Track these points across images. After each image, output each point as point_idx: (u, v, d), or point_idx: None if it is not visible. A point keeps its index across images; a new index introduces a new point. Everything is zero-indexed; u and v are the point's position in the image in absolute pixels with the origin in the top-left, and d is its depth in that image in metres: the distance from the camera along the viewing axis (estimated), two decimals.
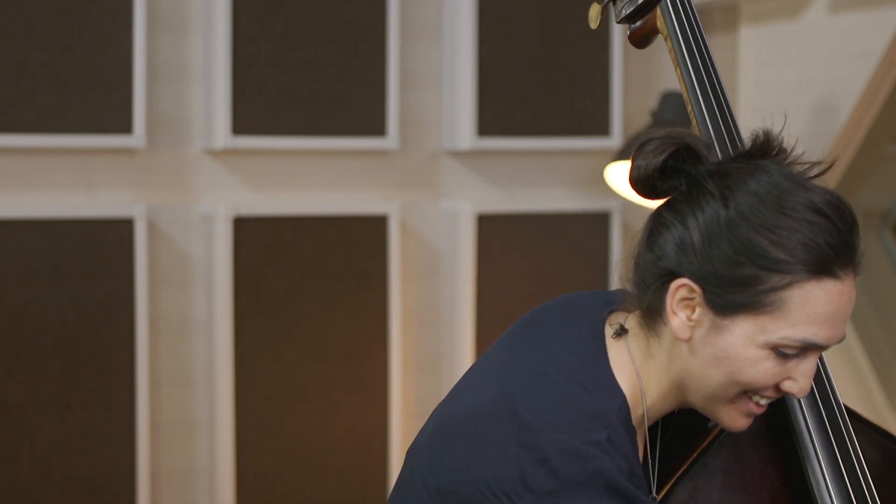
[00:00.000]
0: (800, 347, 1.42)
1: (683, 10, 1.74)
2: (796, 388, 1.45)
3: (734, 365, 1.42)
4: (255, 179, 3.50)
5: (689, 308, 1.43)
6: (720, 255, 1.41)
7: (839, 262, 1.40)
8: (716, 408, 1.47)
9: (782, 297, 1.39)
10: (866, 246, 1.47)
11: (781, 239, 1.40)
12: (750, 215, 1.41)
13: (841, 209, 1.43)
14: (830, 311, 1.42)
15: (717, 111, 1.67)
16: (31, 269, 3.24)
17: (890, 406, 3.35)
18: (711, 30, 4.01)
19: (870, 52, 3.32)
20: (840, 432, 1.61)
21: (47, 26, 3.22)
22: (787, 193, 1.42)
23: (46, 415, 3.27)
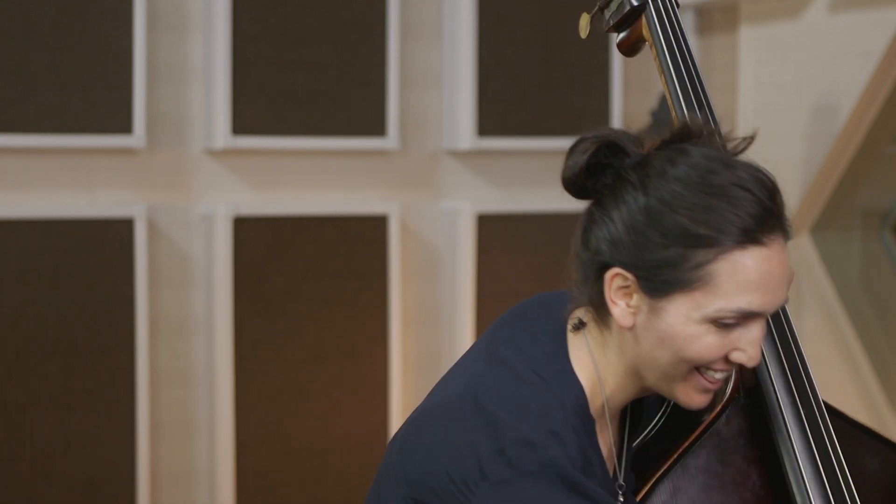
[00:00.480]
0: (737, 316, 1.44)
1: (668, 18, 1.75)
2: (745, 357, 1.46)
3: (677, 344, 1.44)
4: (255, 179, 3.50)
5: (627, 296, 1.47)
6: (646, 241, 1.44)
7: (762, 229, 1.44)
8: (671, 387, 1.49)
9: (710, 271, 1.42)
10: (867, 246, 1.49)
11: (701, 216, 1.42)
12: (670, 198, 1.44)
13: (760, 179, 1.48)
14: (761, 278, 1.44)
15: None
16: (31, 269, 3.24)
17: (890, 406, 3.35)
18: (711, 30, 4.01)
19: (870, 52, 3.32)
20: (819, 431, 1.64)
21: (47, 26, 3.22)
22: (706, 172, 1.45)
23: (46, 415, 3.27)
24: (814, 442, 1.61)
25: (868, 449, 1.73)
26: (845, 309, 3.48)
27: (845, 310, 3.48)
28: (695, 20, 4.03)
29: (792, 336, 1.66)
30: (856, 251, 3.60)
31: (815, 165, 3.52)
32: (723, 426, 1.60)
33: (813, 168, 3.52)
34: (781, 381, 1.62)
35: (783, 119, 3.64)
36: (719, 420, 1.60)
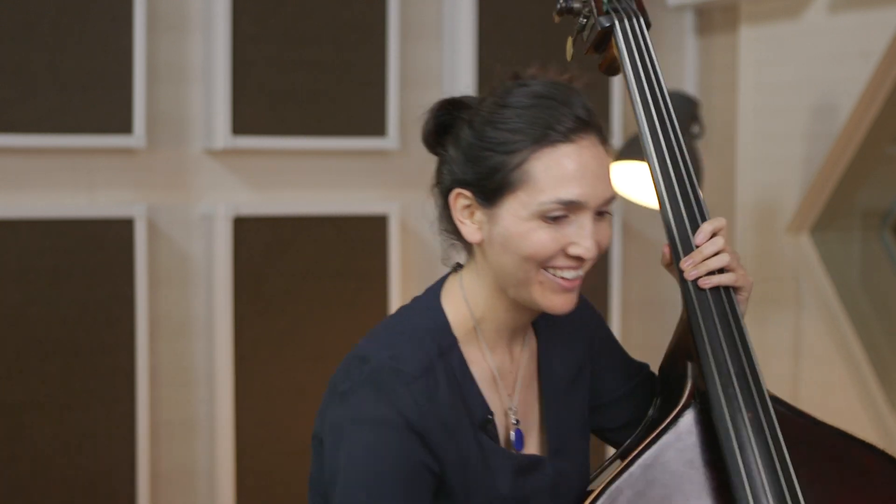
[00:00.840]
0: (561, 207, 1.60)
1: (635, 39, 1.83)
2: (581, 249, 1.61)
3: (515, 243, 1.61)
4: (255, 179, 3.50)
5: (470, 213, 1.66)
6: (474, 157, 1.64)
7: (570, 130, 1.61)
8: (530, 293, 1.64)
9: (526, 170, 1.60)
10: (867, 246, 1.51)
11: (511, 125, 1.62)
12: (487, 119, 1.64)
13: (560, 87, 1.67)
14: (575, 170, 1.60)
15: (665, 142, 1.78)
16: (31, 269, 3.24)
17: (890, 406, 3.35)
18: (711, 30, 4.01)
19: (870, 52, 3.32)
20: (762, 433, 1.69)
21: (47, 26, 3.22)
22: (520, 95, 1.66)
23: (46, 415, 3.27)
24: (755, 446, 1.66)
25: (821, 444, 1.76)
26: (845, 309, 3.48)
27: (845, 310, 3.48)
28: (695, 20, 4.03)
29: (741, 338, 1.74)
30: (856, 251, 3.61)
31: (815, 165, 3.52)
32: (675, 433, 1.67)
33: (813, 168, 3.52)
34: (728, 382, 1.69)
35: (783, 119, 3.64)
36: (673, 425, 1.67)
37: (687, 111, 3.56)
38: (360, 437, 1.60)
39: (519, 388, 1.74)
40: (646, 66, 1.80)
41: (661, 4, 3.99)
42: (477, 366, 1.69)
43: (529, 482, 1.69)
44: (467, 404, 1.66)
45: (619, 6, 1.82)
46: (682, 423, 1.69)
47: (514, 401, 1.72)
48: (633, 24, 1.81)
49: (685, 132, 3.54)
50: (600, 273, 3.84)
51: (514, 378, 1.73)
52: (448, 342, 1.67)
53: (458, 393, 1.65)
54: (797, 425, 1.73)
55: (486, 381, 1.70)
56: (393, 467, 1.59)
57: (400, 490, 1.59)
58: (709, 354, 1.69)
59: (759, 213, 3.75)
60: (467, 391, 1.66)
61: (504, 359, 1.73)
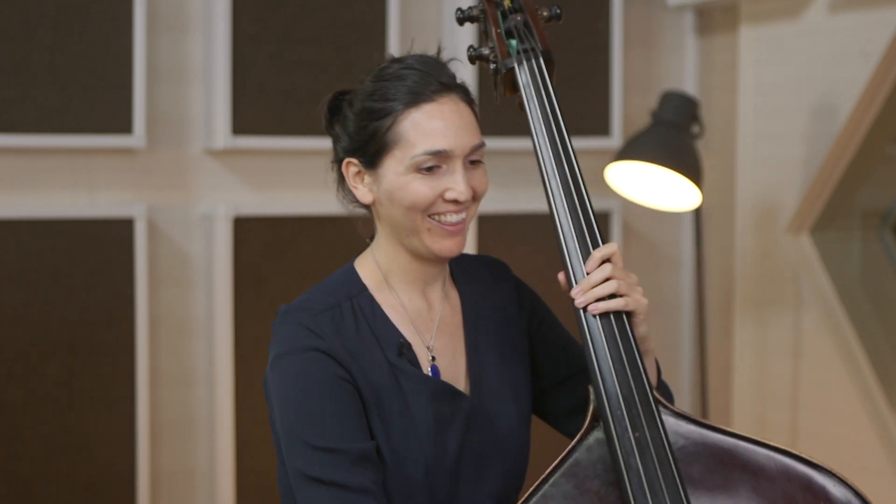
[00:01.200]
0: (430, 158, 1.80)
1: (533, 82, 1.95)
2: (455, 193, 1.81)
3: (398, 196, 1.81)
4: (255, 179, 3.50)
5: (361, 178, 1.86)
6: (355, 130, 1.85)
7: (428, 91, 1.81)
8: (421, 240, 1.83)
9: (397, 131, 1.80)
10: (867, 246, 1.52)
11: (380, 94, 1.83)
12: (361, 94, 1.85)
13: (425, 58, 1.86)
14: (439, 125, 1.81)
15: (561, 175, 1.92)
16: (31, 269, 3.24)
17: (890, 406, 3.35)
18: (711, 30, 4.01)
19: (870, 52, 3.32)
20: (649, 454, 1.75)
21: (47, 26, 3.22)
22: (382, 69, 1.87)
23: (46, 415, 3.27)
24: (641, 466, 1.73)
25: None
26: (845, 309, 3.48)
27: (845, 310, 3.48)
28: (695, 20, 4.03)
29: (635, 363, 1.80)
30: (856, 251, 3.61)
31: (815, 165, 3.52)
32: (582, 454, 1.75)
33: (813, 168, 3.52)
34: (616, 404, 1.76)
35: (783, 119, 3.64)
36: (579, 448, 1.75)
37: (687, 111, 3.56)
38: (282, 369, 1.81)
39: (437, 332, 1.89)
40: (543, 103, 1.93)
41: (661, 4, 3.99)
42: (392, 309, 1.87)
43: (445, 410, 1.84)
44: (378, 336, 1.84)
45: (521, 48, 1.92)
46: (585, 444, 1.76)
47: (433, 341, 1.88)
48: (531, 65, 1.92)
49: (685, 132, 3.54)
50: None
51: (432, 323, 1.90)
52: (357, 288, 1.88)
53: (366, 327, 1.84)
54: (695, 441, 1.77)
55: (403, 322, 1.87)
56: (316, 382, 1.78)
57: (327, 400, 1.78)
58: (598, 378, 1.77)
59: (759, 213, 3.75)
60: (378, 325, 1.85)
61: (420, 305, 1.89)
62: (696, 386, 4.04)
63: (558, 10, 1.99)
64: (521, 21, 1.93)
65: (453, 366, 1.89)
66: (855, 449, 3.45)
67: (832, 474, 1.73)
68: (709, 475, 1.76)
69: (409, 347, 1.85)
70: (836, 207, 3.54)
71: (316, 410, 1.78)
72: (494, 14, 1.94)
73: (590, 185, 4.10)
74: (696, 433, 1.78)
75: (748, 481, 1.75)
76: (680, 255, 4.09)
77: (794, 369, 3.65)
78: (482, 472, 1.86)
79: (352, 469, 1.75)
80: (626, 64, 3.92)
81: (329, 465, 1.75)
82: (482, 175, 1.89)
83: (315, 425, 1.77)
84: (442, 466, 1.83)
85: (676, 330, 4.09)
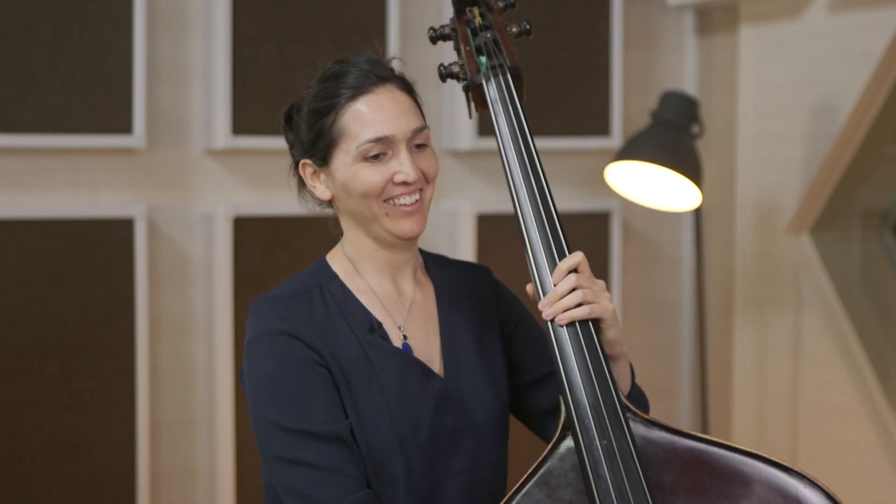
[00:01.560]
0: (374, 145, 1.86)
1: (500, 96, 1.95)
2: (402, 175, 1.87)
3: (351, 185, 1.89)
4: (255, 179, 3.50)
5: (317, 177, 1.95)
6: (304, 132, 1.93)
7: (365, 84, 1.89)
8: (382, 225, 1.90)
9: (341, 124, 1.88)
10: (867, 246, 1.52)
11: (323, 93, 1.90)
12: (308, 98, 1.93)
13: (363, 56, 1.93)
14: (378, 114, 1.88)
15: (527, 187, 1.91)
16: (31, 269, 3.24)
17: (890, 406, 3.35)
18: (711, 30, 4.01)
19: (870, 52, 3.32)
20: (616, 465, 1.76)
21: (47, 26, 3.22)
22: (324, 72, 1.95)
23: (46, 415, 3.27)
24: (609, 474, 1.74)
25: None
26: (845, 309, 3.48)
27: (845, 310, 3.48)
28: (695, 20, 4.03)
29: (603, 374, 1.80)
30: (856, 251, 3.61)
31: (815, 165, 3.52)
32: (555, 463, 1.77)
33: (813, 168, 3.52)
34: (584, 413, 1.78)
35: (783, 119, 3.64)
36: (551, 457, 1.77)
37: (687, 111, 3.56)
38: (253, 353, 1.88)
39: (409, 315, 1.95)
40: (510, 118, 1.94)
41: (661, 4, 3.99)
42: (363, 294, 1.94)
43: (417, 386, 1.88)
44: (349, 317, 1.90)
45: (489, 64, 1.95)
46: (557, 453, 1.78)
47: (405, 323, 1.94)
48: (499, 81, 1.95)
49: (685, 132, 3.54)
50: (600, 273, 3.84)
51: (403, 307, 1.95)
52: (328, 277, 1.96)
53: (336, 311, 1.90)
54: (665, 447, 1.78)
55: (374, 305, 1.93)
56: (286, 365, 1.84)
57: (297, 382, 1.83)
58: (566, 386, 1.78)
59: (759, 213, 3.75)
60: (349, 308, 1.91)
61: (390, 291, 1.95)
62: (696, 386, 4.04)
63: (528, 25, 2.04)
64: (490, 38, 1.97)
65: (426, 347, 1.93)
66: (855, 449, 3.45)
67: (804, 477, 1.74)
68: (680, 481, 1.76)
69: (380, 325, 1.90)
70: (836, 207, 3.54)
71: (286, 392, 1.83)
72: (464, 32, 1.99)
73: (590, 185, 4.13)
74: (666, 440, 1.78)
75: (720, 486, 1.76)
76: (680, 255, 4.09)
77: (794, 369, 3.65)
78: (455, 451, 1.89)
79: (323, 448, 1.79)
80: (626, 64, 3.92)
81: (300, 445, 1.79)
82: (430, 157, 1.93)
83: (285, 406, 1.81)
84: (415, 441, 1.85)
85: (676, 330, 4.09)
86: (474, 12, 2.01)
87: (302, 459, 1.79)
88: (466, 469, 1.89)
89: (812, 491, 1.75)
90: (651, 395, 2.02)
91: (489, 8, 2.02)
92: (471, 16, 2.01)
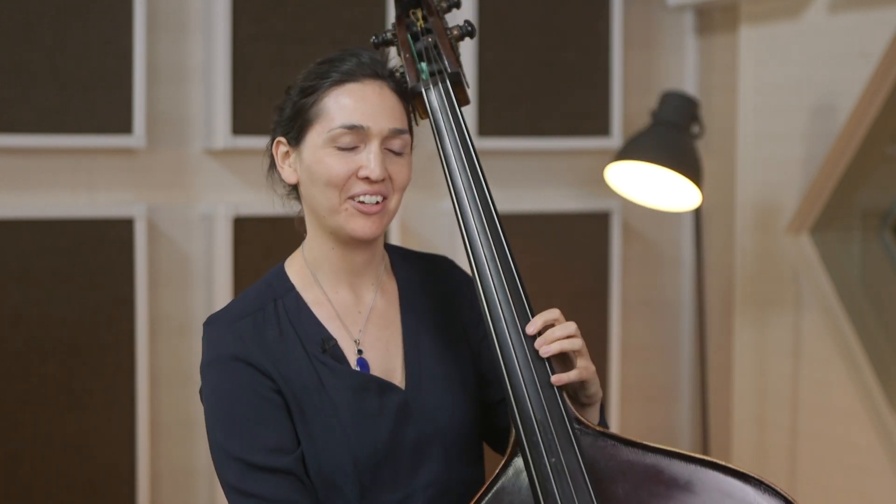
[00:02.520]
0: (346, 132, 1.81)
1: (440, 104, 1.91)
2: (367, 171, 1.82)
3: (315, 170, 1.83)
4: (255, 179, 3.49)
5: (287, 157, 1.89)
6: (287, 110, 1.88)
7: (355, 73, 1.84)
8: (338, 221, 1.84)
9: (321, 106, 1.84)
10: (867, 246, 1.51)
11: (315, 74, 1.86)
12: (301, 77, 1.88)
13: (362, 49, 1.89)
14: (359, 103, 1.83)
15: (468, 190, 1.90)
16: (31, 269, 3.24)
17: (890, 406, 3.35)
18: (711, 30, 4.01)
19: (870, 52, 3.32)
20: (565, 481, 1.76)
21: (47, 26, 3.22)
22: (326, 55, 1.89)
23: (46, 415, 3.27)
24: (558, 492, 1.73)
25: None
26: (845, 309, 3.48)
27: (845, 310, 3.48)
28: (695, 20, 4.03)
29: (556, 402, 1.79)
30: (856, 251, 3.61)
31: (815, 165, 3.52)
32: (506, 481, 1.77)
33: (813, 168, 3.52)
34: (531, 430, 1.76)
35: (783, 119, 3.64)
36: (503, 475, 1.77)
37: (687, 111, 3.56)
38: (208, 378, 1.84)
39: (367, 325, 1.90)
40: (450, 126, 1.89)
41: (661, 4, 3.99)
42: (319, 306, 1.88)
43: (372, 403, 1.83)
44: (302, 335, 1.84)
45: (429, 70, 1.90)
46: (509, 471, 1.77)
47: (362, 335, 1.89)
48: (439, 89, 1.90)
49: (685, 132, 3.54)
50: (600, 273, 3.84)
51: (361, 317, 1.90)
52: (284, 289, 1.89)
53: (289, 328, 1.85)
54: (618, 459, 1.77)
55: (329, 318, 1.88)
56: (237, 393, 1.80)
57: (248, 411, 1.80)
58: (513, 403, 1.77)
59: (759, 213, 3.75)
60: (303, 324, 1.85)
61: (346, 299, 1.90)
62: (696, 386, 4.04)
63: (470, 26, 1.97)
64: (431, 43, 1.92)
65: (386, 358, 1.89)
66: (855, 449, 3.45)
67: (762, 483, 1.72)
68: (633, 493, 1.75)
69: (333, 344, 1.85)
70: (836, 207, 3.54)
71: (237, 421, 1.80)
72: (404, 37, 1.93)
73: (590, 185, 4.13)
74: (618, 452, 1.77)
75: (675, 497, 1.74)
76: (680, 255, 4.09)
77: (794, 369, 3.65)
78: (419, 464, 1.85)
79: (272, 480, 1.77)
80: (626, 64, 3.92)
81: (249, 475, 1.77)
82: (403, 165, 1.87)
83: (237, 436, 1.79)
84: (371, 460, 1.82)
85: (676, 330, 4.09)
86: (417, 15, 1.95)
87: (251, 491, 1.77)
88: (434, 481, 1.86)
89: (770, 498, 1.71)
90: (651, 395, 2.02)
91: (430, 10, 1.95)
92: (413, 19, 1.95)
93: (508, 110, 3.71)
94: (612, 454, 1.77)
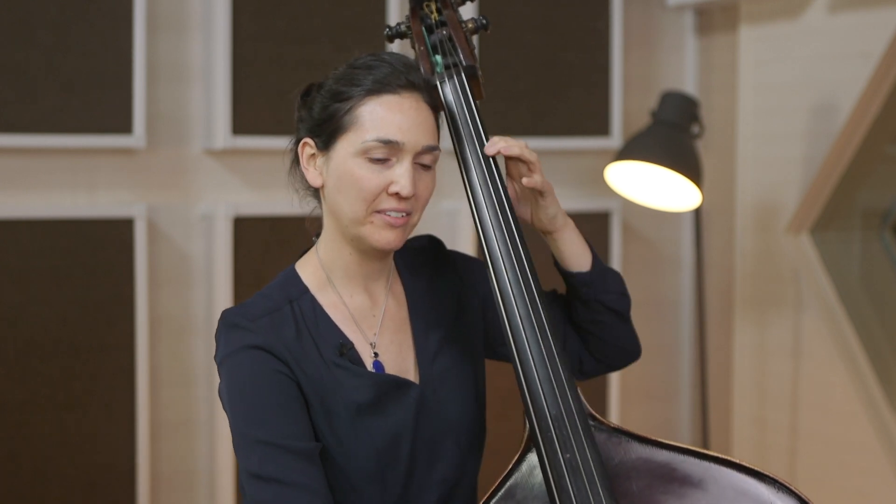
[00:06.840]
0: (381, 146, 1.79)
1: (455, 98, 1.92)
2: (398, 187, 1.80)
3: (345, 182, 1.81)
4: (255, 179, 3.50)
5: (314, 159, 1.87)
6: (317, 110, 1.86)
7: (393, 84, 1.81)
8: (361, 231, 1.82)
9: (355, 115, 1.81)
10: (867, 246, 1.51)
11: (348, 79, 1.84)
12: (332, 78, 1.87)
13: (400, 56, 1.86)
14: (395, 116, 1.80)
15: (482, 182, 1.91)
16: (31, 269, 3.24)
17: (890, 406, 3.35)
18: (711, 30, 4.01)
19: (870, 52, 3.32)
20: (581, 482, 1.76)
21: (47, 26, 3.22)
22: (356, 60, 1.88)
23: (46, 415, 3.27)
24: (573, 487, 1.74)
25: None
26: (845, 309, 3.48)
27: (845, 310, 3.48)
28: (695, 20, 4.04)
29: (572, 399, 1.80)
30: (856, 251, 3.61)
31: (815, 165, 3.52)
32: (520, 476, 1.78)
33: (813, 168, 3.52)
34: (545, 426, 1.77)
35: (783, 119, 3.64)
36: (517, 471, 1.77)
37: (687, 111, 3.56)
38: (227, 370, 1.82)
39: (381, 328, 1.90)
40: (465, 119, 1.91)
41: (661, 4, 3.99)
42: (334, 309, 1.87)
43: (391, 401, 1.84)
44: (318, 339, 1.84)
45: (444, 63, 1.91)
46: (523, 466, 1.78)
47: (377, 338, 1.89)
48: (454, 82, 1.91)
49: (685, 132, 3.54)
50: None
51: (375, 320, 1.89)
52: (298, 291, 1.88)
53: (306, 330, 1.84)
54: (632, 456, 1.77)
55: (345, 321, 1.87)
56: (258, 378, 1.79)
57: (269, 395, 1.78)
58: (528, 399, 1.78)
59: (759, 213, 3.75)
60: (320, 327, 1.85)
61: (362, 303, 1.89)
62: (696, 386, 4.04)
63: (484, 20, 1.98)
64: (445, 35, 1.92)
65: (400, 359, 1.90)
66: (855, 449, 3.45)
67: (777, 482, 1.72)
68: (647, 490, 1.75)
69: (350, 347, 1.85)
70: (836, 207, 3.54)
71: (258, 405, 1.79)
72: (419, 30, 1.93)
73: (590, 185, 4.13)
74: (633, 448, 1.78)
75: (689, 494, 1.74)
76: (680, 255, 4.09)
77: (794, 369, 3.65)
78: (434, 459, 1.87)
79: (293, 465, 1.76)
80: (626, 64, 3.92)
81: (270, 460, 1.76)
82: (429, 180, 1.86)
83: (257, 420, 1.78)
84: (394, 457, 1.83)
85: (676, 330, 4.09)
86: (431, 8, 1.95)
87: (272, 475, 1.75)
88: (447, 478, 1.87)
89: (785, 497, 1.71)
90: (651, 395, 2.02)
91: (444, 3, 1.95)
92: (427, 12, 1.95)
93: (508, 110, 3.71)
94: (627, 450, 1.77)
